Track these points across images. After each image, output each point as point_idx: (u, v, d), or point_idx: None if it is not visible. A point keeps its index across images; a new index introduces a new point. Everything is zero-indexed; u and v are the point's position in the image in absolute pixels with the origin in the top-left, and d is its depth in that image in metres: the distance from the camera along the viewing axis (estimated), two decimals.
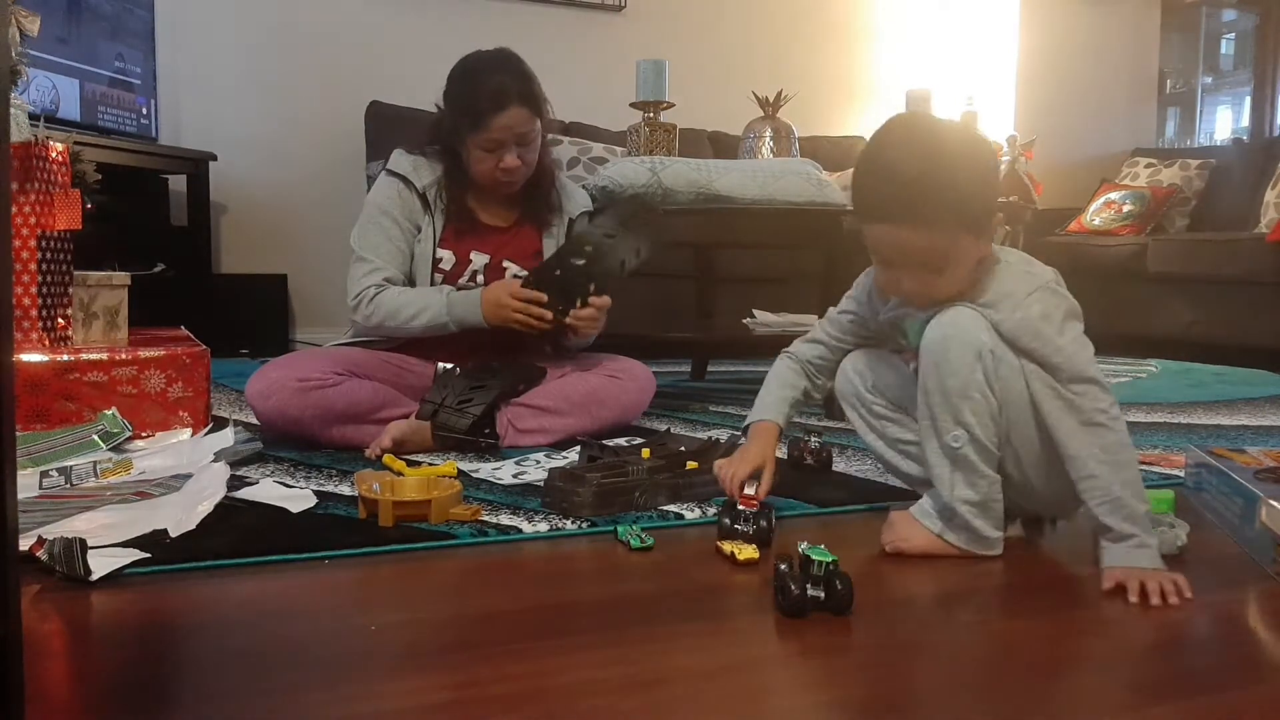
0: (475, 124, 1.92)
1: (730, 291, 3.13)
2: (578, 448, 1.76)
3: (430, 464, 1.72)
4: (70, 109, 3.02)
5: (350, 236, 2.02)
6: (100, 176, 2.05)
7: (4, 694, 0.62)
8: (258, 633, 1.01)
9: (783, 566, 1.08)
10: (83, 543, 1.13)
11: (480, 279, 2.02)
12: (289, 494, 1.49)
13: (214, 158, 3.54)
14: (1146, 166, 4.84)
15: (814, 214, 2.42)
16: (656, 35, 4.28)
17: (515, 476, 1.65)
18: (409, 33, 3.98)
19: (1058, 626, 1.08)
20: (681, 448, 1.62)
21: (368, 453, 1.78)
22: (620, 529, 1.35)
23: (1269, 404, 2.76)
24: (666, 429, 2.06)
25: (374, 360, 1.94)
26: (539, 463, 1.74)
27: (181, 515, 1.32)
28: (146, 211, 3.39)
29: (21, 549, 1.09)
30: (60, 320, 1.87)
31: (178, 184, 3.55)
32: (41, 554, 1.13)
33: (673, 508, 1.48)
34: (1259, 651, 1.05)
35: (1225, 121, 5.76)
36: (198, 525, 1.30)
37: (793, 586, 1.05)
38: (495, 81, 1.92)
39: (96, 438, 1.70)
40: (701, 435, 1.96)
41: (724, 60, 4.42)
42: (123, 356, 1.85)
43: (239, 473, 1.60)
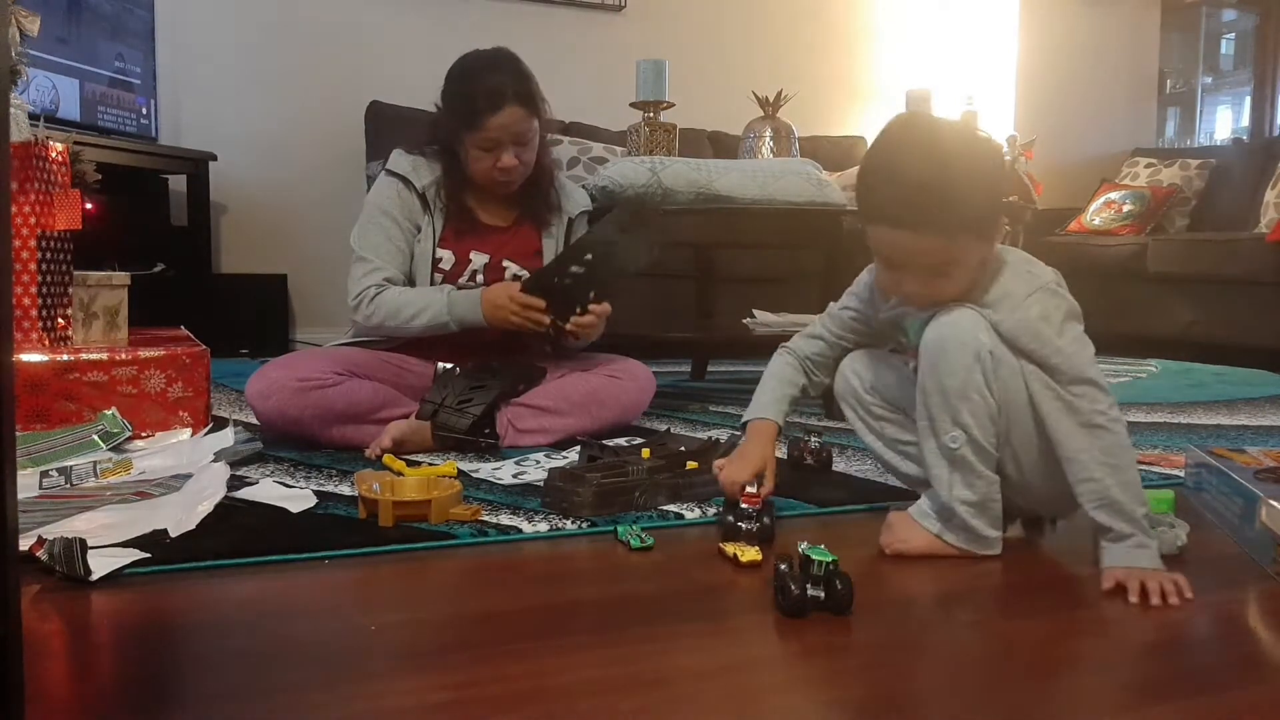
0: (472, 124, 1.92)
1: (730, 291, 3.13)
2: (578, 448, 1.76)
3: (430, 464, 1.72)
4: (70, 109, 3.02)
5: (350, 237, 2.02)
6: (100, 176, 2.05)
7: (4, 694, 0.62)
8: (258, 633, 1.01)
9: (783, 566, 1.08)
10: (83, 543, 1.13)
11: (480, 279, 2.02)
12: (289, 494, 1.49)
13: (214, 158, 3.54)
14: (1146, 166, 4.84)
15: (814, 214, 2.42)
16: (656, 35, 4.28)
17: (515, 476, 1.65)
18: (409, 32, 3.98)
19: (1058, 626, 1.08)
20: (681, 448, 1.62)
21: (368, 453, 1.78)
22: (620, 529, 1.35)
23: (1269, 404, 2.76)
24: (666, 429, 2.06)
25: (374, 360, 1.94)
26: (539, 463, 1.74)
27: (181, 515, 1.32)
28: (146, 211, 3.39)
29: (21, 549, 1.09)
30: (60, 320, 1.87)
31: (178, 184, 3.55)
32: (41, 554, 1.13)
33: (673, 508, 1.48)
34: (1259, 651, 1.05)
35: (1225, 121, 5.76)
36: (198, 525, 1.31)
37: (793, 586, 1.05)
38: (492, 81, 1.92)
39: (96, 438, 1.70)
40: (701, 435, 1.96)
41: (724, 60, 4.43)
42: (123, 356, 1.85)
43: (239, 473, 1.60)
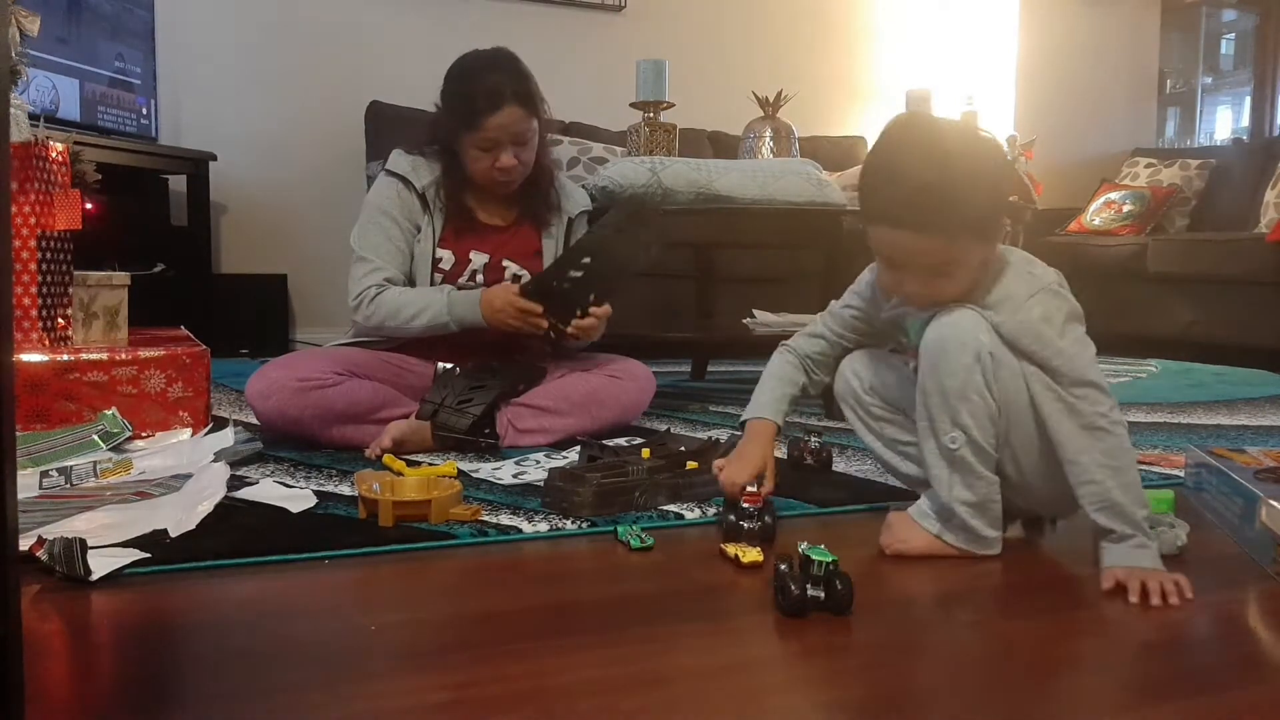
0: (471, 123, 1.92)
1: (730, 291, 3.13)
2: (578, 448, 1.76)
3: (430, 464, 1.72)
4: (70, 109, 3.02)
5: (350, 237, 2.02)
6: (100, 176, 2.05)
7: (4, 693, 0.62)
8: (258, 633, 1.01)
9: (783, 566, 1.08)
10: (83, 543, 1.13)
11: (480, 278, 2.02)
12: (289, 494, 1.49)
13: (214, 158, 3.54)
14: (1146, 166, 4.84)
15: (814, 214, 2.42)
16: (656, 35, 4.28)
17: (515, 476, 1.65)
18: (409, 33, 3.98)
19: (1058, 626, 1.08)
20: (681, 448, 1.62)
21: (368, 453, 1.78)
22: (620, 529, 1.35)
23: (1269, 404, 2.76)
24: (666, 429, 2.06)
25: (374, 360, 1.94)
26: (539, 463, 1.75)
27: (181, 515, 1.32)
28: (146, 212, 3.39)
29: (21, 549, 1.09)
30: (60, 320, 1.87)
31: (178, 184, 3.55)
32: (41, 554, 1.13)
33: (673, 508, 1.48)
34: (1259, 651, 1.05)
35: (1225, 121, 5.76)
36: (198, 525, 1.31)
37: (793, 586, 1.05)
38: (490, 81, 1.92)
39: (96, 438, 1.70)
40: (701, 435, 1.96)
41: (724, 60, 4.43)
42: (123, 356, 1.85)
43: (239, 473, 1.60)
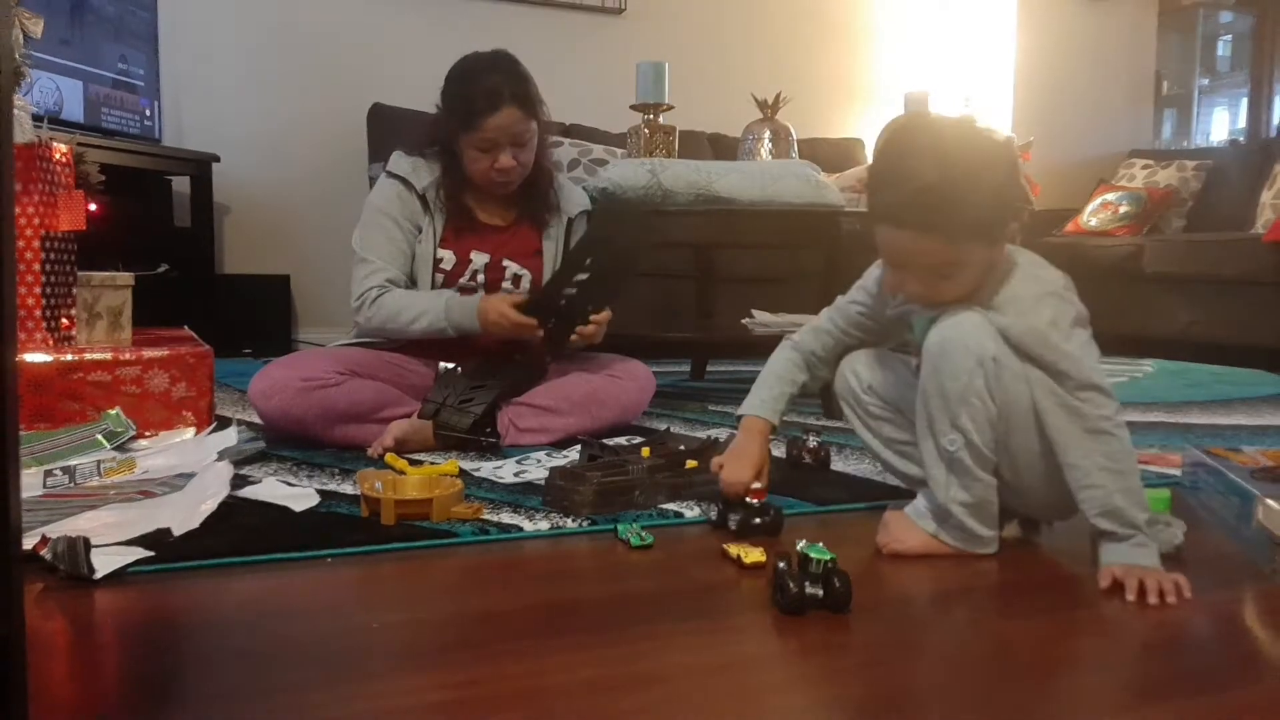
0: (469, 124, 1.93)
1: (730, 292, 3.13)
2: (578, 447, 1.77)
3: (432, 463, 1.73)
4: (74, 110, 3.03)
5: (352, 238, 2.03)
6: (104, 177, 2.06)
7: (8, 692, 0.63)
8: (259, 632, 1.02)
9: (781, 565, 1.08)
10: (86, 541, 1.13)
11: (481, 278, 2.03)
12: (292, 493, 1.50)
13: (217, 159, 3.54)
14: (1143, 168, 4.84)
15: (813, 215, 2.43)
16: (656, 37, 4.29)
17: (516, 475, 1.66)
18: (410, 34, 3.99)
19: (1056, 626, 1.09)
20: (681, 447, 1.63)
21: (370, 452, 1.79)
22: (620, 527, 1.36)
23: (1266, 404, 2.77)
24: (666, 428, 2.06)
25: (376, 360, 1.95)
26: (540, 462, 1.75)
27: (185, 514, 1.33)
28: (150, 212, 3.39)
29: (25, 548, 1.10)
30: (64, 320, 1.88)
31: (181, 185, 3.56)
32: (45, 553, 1.13)
33: (672, 506, 1.49)
34: (1257, 651, 1.06)
35: (1222, 123, 5.76)
36: (201, 524, 1.31)
37: (791, 584, 1.06)
38: (489, 82, 1.93)
39: (100, 437, 1.71)
40: (701, 434, 1.97)
41: (723, 62, 4.43)
42: (126, 356, 1.86)
43: (242, 472, 1.61)
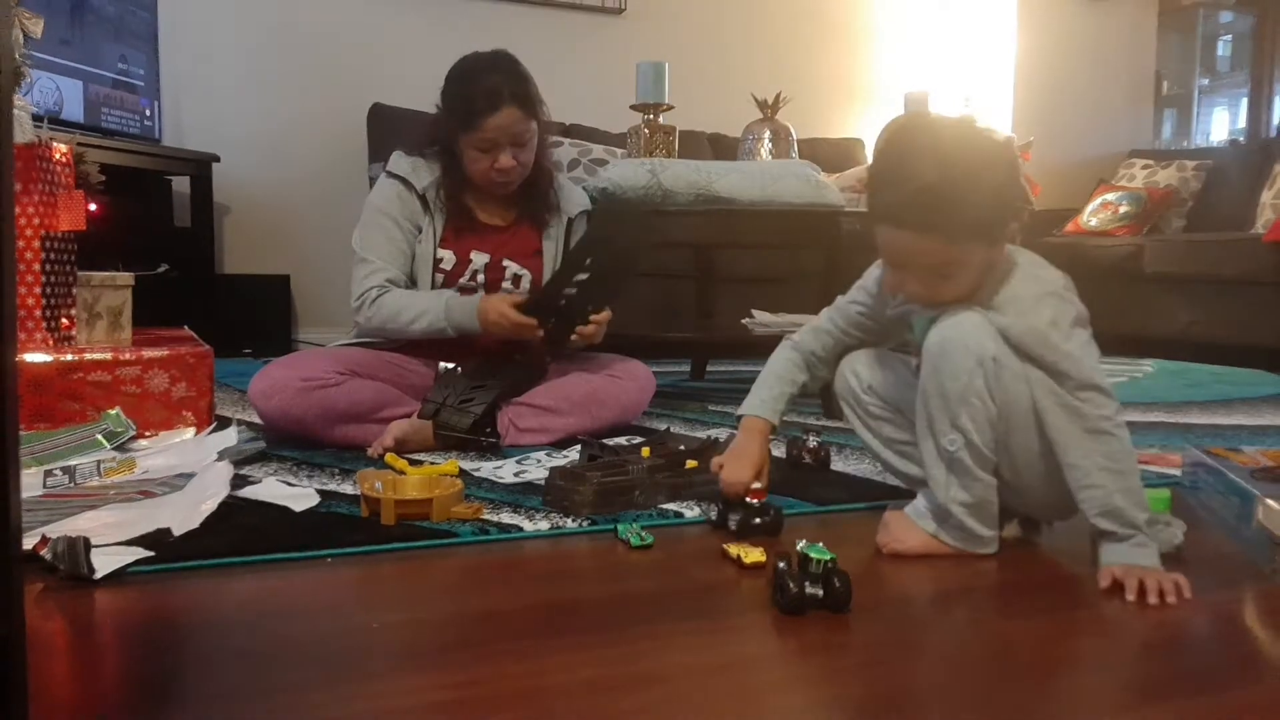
0: (469, 124, 1.93)
1: (730, 292, 3.13)
2: (578, 447, 1.77)
3: (432, 463, 1.73)
4: (74, 110, 3.03)
5: (352, 238, 2.03)
6: (104, 177, 2.06)
7: (8, 692, 0.63)
8: (259, 632, 1.02)
9: (781, 564, 1.08)
10: (86, 541, 1.13)
11: (481, 278, 2.03)
12: (292, 493, 1.50)
13: (217, 159, 3.55)
14: (1143, 168, 4.84)
15: (812, 215, 2.43)
16: (656, 37, 4.29)
17: (516, 475, 1.66)
18: (410, 34, 3.99)
19: (1056, 626, 1.09)
20: (681, 447, 1.63)
21: (370, 452, 1.79)
22: (620, 527, 1.36)
23: (1266, 404, 2.77)
24: (666, 428, 2.06)
25: (376, 360, 1.95)
26: (540, 461, 1.75)
27: (185, 514, 1.33)
28: (150, 212, 3.39)
29: (25, 548, 1.10)
30: (64, 320, 1.88)
31: (181, 185, 3.56)
32: (45, 553, 1.13)
33: (672, 506, 1.49)
34: (1257, 651, 1.06)
35: (1222, 123, 5.76)
36: (201, 524, 1.31)
37: (791, 584, 1.06)
38: (489, 82, 1.93)
39: (100, 437, 1.71)
40: (701, 434, 1.97)
41: (723, 62, 4.43)
42: (126, 356, 1.86)
43: (242, 472, 1.61)
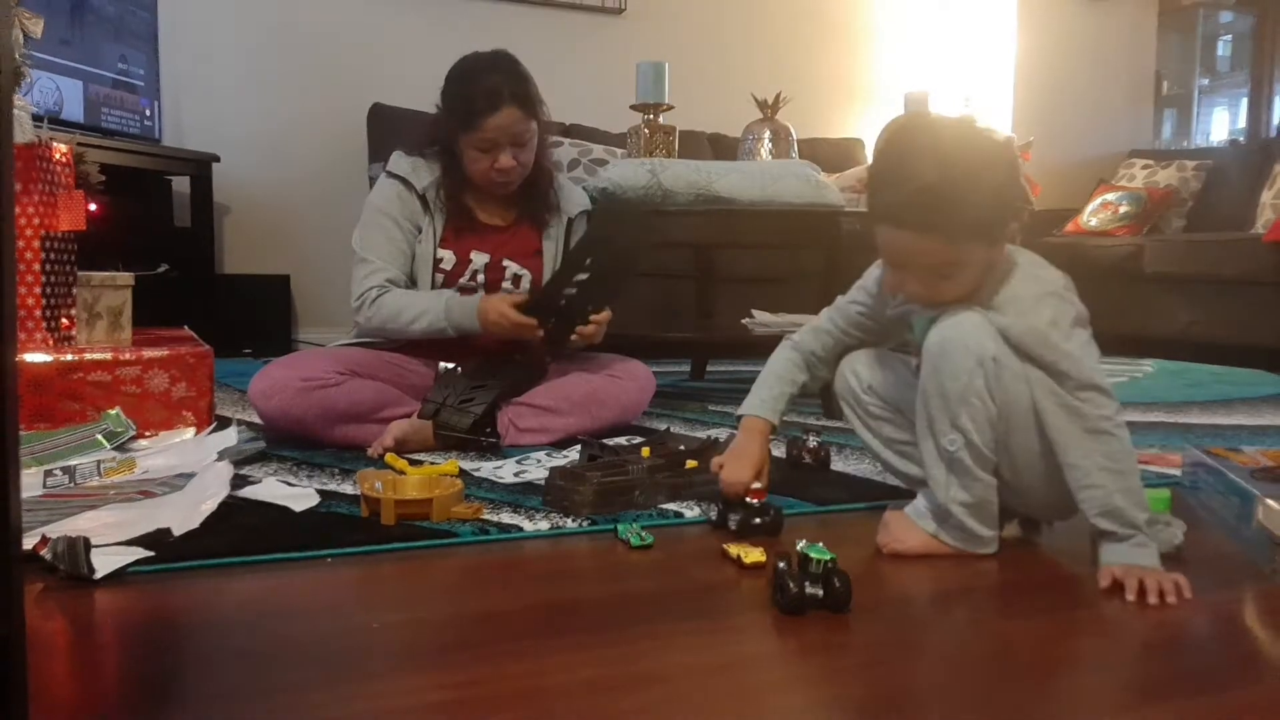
0: (469, 124, 1.93)
1: (730, 292, 3.13)
2: (578, 447, 1.77)
3: (432, 463, 1.73)
4: (74, 110, 3.03)
5: (352, 238, 2.03)
6: (104, 177, 2.06)
7: (8, 692, 0.63)
8: (259, 632, 1.02)
9: (781, 564, 1.08)
10: (86, 541, 1.13)
11: (481, 278, 2.03)
12: (292, 493, 1.50)
13: (217, 159, 3.54)
14: (1143, 168, 4.84)
15: (812, 215, 2.43)
16: (656, 37, 4.29)
17: (516, 475, 1.66)
18: (410, 35, 3.99)
19: (1056, 626, 1.09)
20: (681, 447, 1.63)
21: (370, 452, 1.79)
22: (620, 527, 1.36)
23: (1266, 404, 2.77)
24: (666, 428, 2.06)
25: (376, 360, 1.95)
26: (540, 462, 1.75)
27: (185, 514, 1.33)
28: (150, 212, 3.40)
29: (25, 548, 1.10)
30: (64, 320, 1.88)
31: (181, 185, 3.56)
32: (45, 553, 1.13)
33: (672, 506, 1.49)
34: (1257, 651, 1.06)
35: (1222, 123, 5.76)
36: (201, 524, 1.31)
37: (791, 584, 1.06)
38: (489, 82, 1.93)
39: (100, 437, 1.71)
40: (701, 434, 1.97)
41: (723, 62, 4.43)
42: (126, 356, 1.86)
43: (242, 472, 1.61)
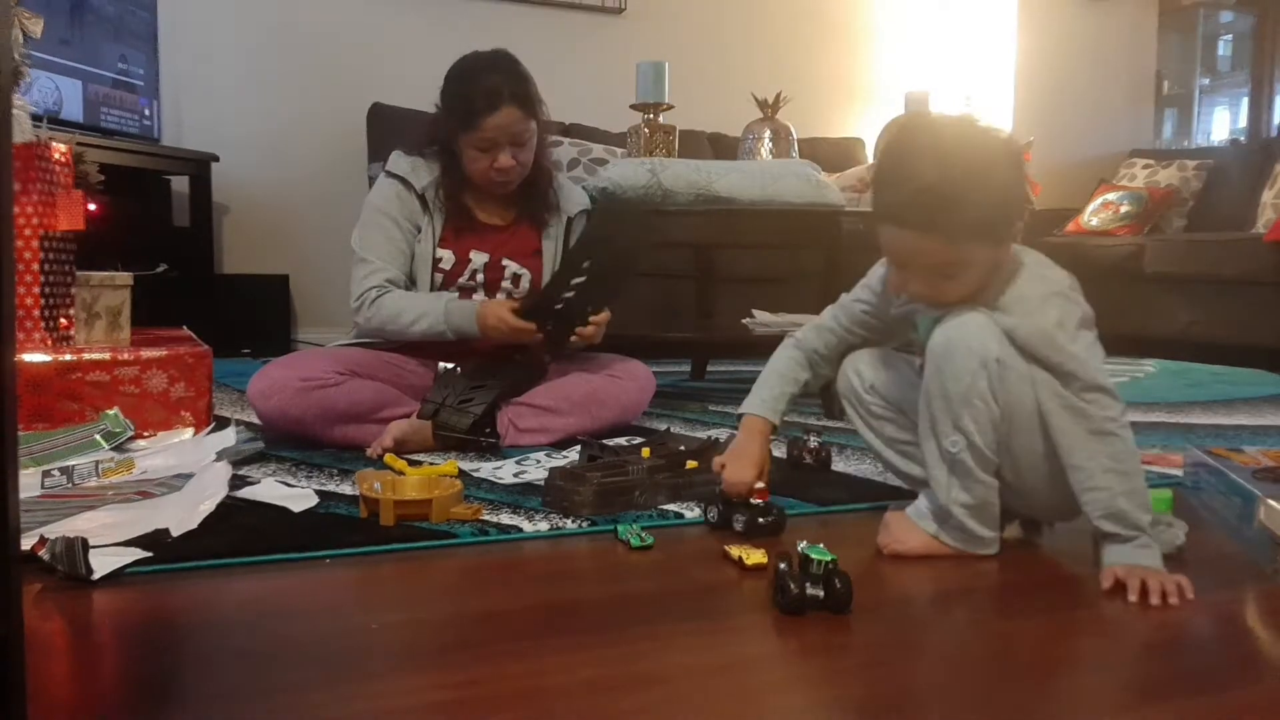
0: (469, 124, 1.93)
1: (730, 291, 3.13)
2: (578, 447, 1.76)
3: (431, 463, 1.73)
4: (73, 110, 3.02)
5: (351, 238, 2.03)
6: (103, 177, 2.06)
7: (6, 693, 0.63)
8: (258, 632, 1.02)
9: (782, 565, 1.08)
10: (84, 542, 1.13)
11: (480, 277, 2.03)
12: (290, 493, 1.50)
13: (216, 159, 3.54)
14: (1144, 167, 4.84)
15: (813, 215, 2.43)
16: (656, 37, 4.29)
17: (516, 476, 1.66)
18: (410, 34, 3.99)
19: (1057, 626, 1.08)
20: (681, 447, 1.62)
21: (369, 452, 1.78)
22: (620, 528, 1.35)
23: (1267, 404, 2.77)
24: (666, 429, 2.06)
25: (376, 360, 1.95)
26: (539, 462, 1.75)
27: (183, 515, 1.33)
28: (149, 212, 3.39)
29: (23, 548, 1.10)
30: (63, 320, 1.88)
31: (180, 185, 3.56)
32: (43, 553, 1.13)
33: (672, 507, 1.49)
34: (1258, 651, 1.05)
35: (1222, 123, 5.75)
36: (199, 525, 1.31)
37: (792, 585, 1.06)
38: (489, 81, 1.93)
39: (99, 437, 1.70)
40: (701, 435, 1.97)
41: (723, 62, 4.43)
42: (125, 356, 1.85)
43: (240, 472, 1.61)
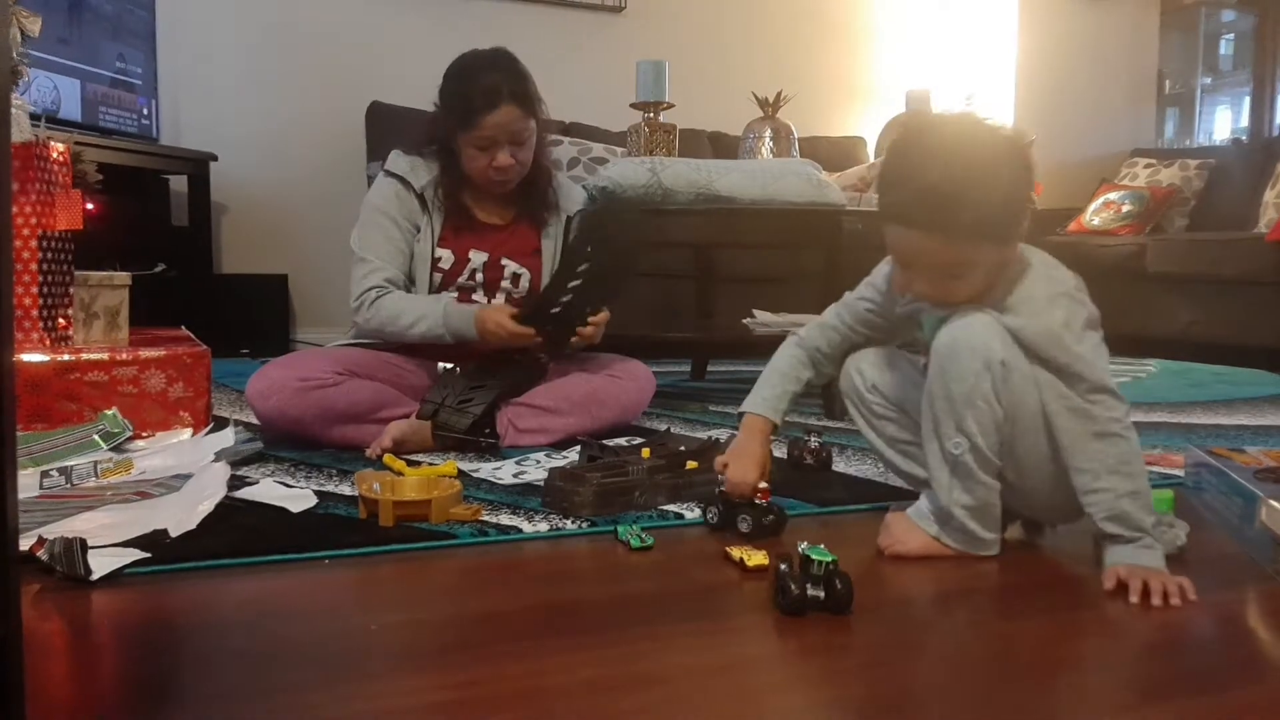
0: (467, 122, 1.93)
1: (730, 291, 3.13)
2: (578, 447, 1.76)
3: (430, 464, 1.72)
4: (71, 109, 3.02)
5: (350, 238, 2.02)
6: (101, 177, 2.05)
7: (5, 693, 0.63)
8: (258, 633, 1.02)
9: (783, 566, 1.08)
10: (83, 542, 1.13)
11: (479, 277, 2.03)
12: (289, 494, 1.49)
13: (215, 158, 3.54)
14: (1146, 167, 4.84)
15: (814, 214, 2.42)
16: (656, 36, 4.29)
17: (515, 476, 1.65)
18: (409, 33, 3.99)
19: (1058, 626, 1.08)
20: (681, 447, 1.62)
21: (368, 452, 1.78)
22: (620, 529, 1.35)
23: (1268, 404, 2.76)
24: (666, 429, 2.06)
25: (375, 360, 1.94)
26: (539, 462, 1.75)
27: (182, 515, 1.33)
28: (147, 212, 3.40)
29: (22, 549, 1.10)
30: (61, 320, 1.87)
31: (179, 184, 3.56)
32: (42, 554, 1.13)
33: (672, 507, 1.49)
34: (1259, 651, 1.05)
35: (1224, 122, 5.75)
36: (198, 525, 1.31)
37: (792, 586, 1.05)
38: (488, 80, 1.93)
39: (97, 437, 1.70)
40: (701, 435, 1.96)
41: (724, 61, 4.43)
42: (123, 356, 1.85)
43: (239, 472, 1.60)
